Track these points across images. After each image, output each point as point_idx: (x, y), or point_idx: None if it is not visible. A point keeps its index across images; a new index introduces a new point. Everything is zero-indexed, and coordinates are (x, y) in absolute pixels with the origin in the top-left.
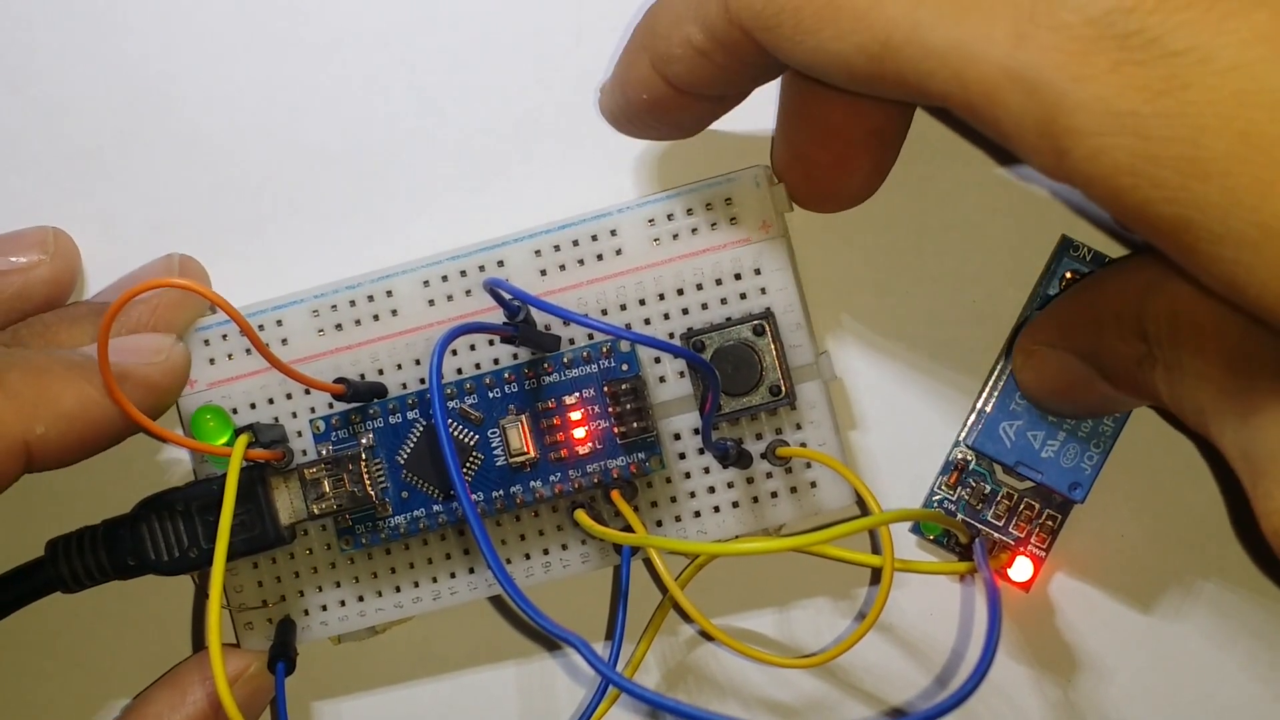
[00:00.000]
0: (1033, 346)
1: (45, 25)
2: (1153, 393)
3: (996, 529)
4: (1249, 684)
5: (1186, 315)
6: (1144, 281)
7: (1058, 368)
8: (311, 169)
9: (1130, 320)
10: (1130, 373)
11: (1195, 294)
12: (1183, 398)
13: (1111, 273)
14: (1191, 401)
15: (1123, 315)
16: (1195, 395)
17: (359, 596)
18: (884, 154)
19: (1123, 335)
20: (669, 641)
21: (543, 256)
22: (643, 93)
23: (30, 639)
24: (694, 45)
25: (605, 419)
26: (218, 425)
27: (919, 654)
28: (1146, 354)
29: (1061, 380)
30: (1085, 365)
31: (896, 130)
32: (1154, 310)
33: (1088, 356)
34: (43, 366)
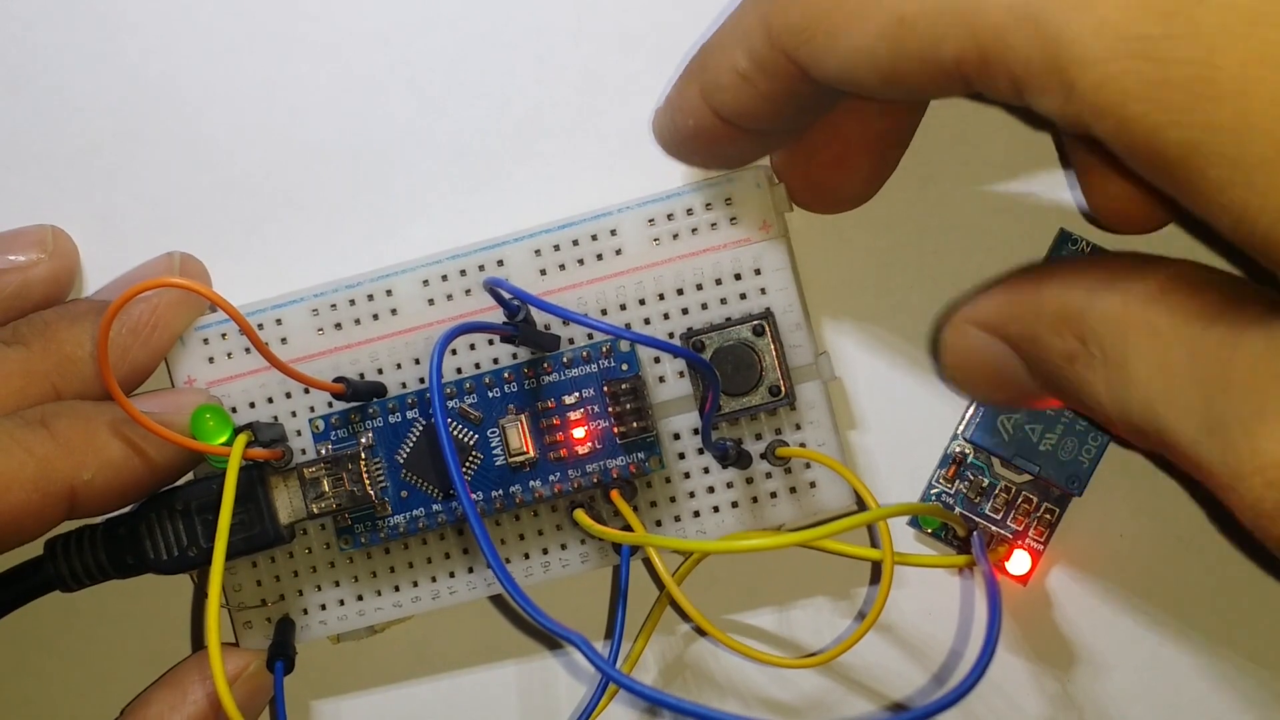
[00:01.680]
0: (965, 326)
1: (45, 25)
2: (1079, 392)
3: (994, 522)
4: (1248, 680)
5: (1139, 316)
6: (1092, 281)
7: (985, 352)
8: (311, 168)
9: (1072, 316)
10: (1058, 370)
11: (1148, 296)
12: (1128, 399)
13: (1058, 268)
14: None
15: (1065, 310)
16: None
17: (358, 596)
18: (884, 159)
19: (1059, 332)
20: (668, 640)
21: (542, 256)
22: (689, 119)
23: (29, 638)
24: (739, 72)
25: (605, 419)
26: (217, 424)
27: (919, 652)
28: (1082, 353)
29: (986, 366)
30: (1013, 355)
31: (897, 138)
32: (1102, 310)
33: (1018, 347)
34: (90, 415)
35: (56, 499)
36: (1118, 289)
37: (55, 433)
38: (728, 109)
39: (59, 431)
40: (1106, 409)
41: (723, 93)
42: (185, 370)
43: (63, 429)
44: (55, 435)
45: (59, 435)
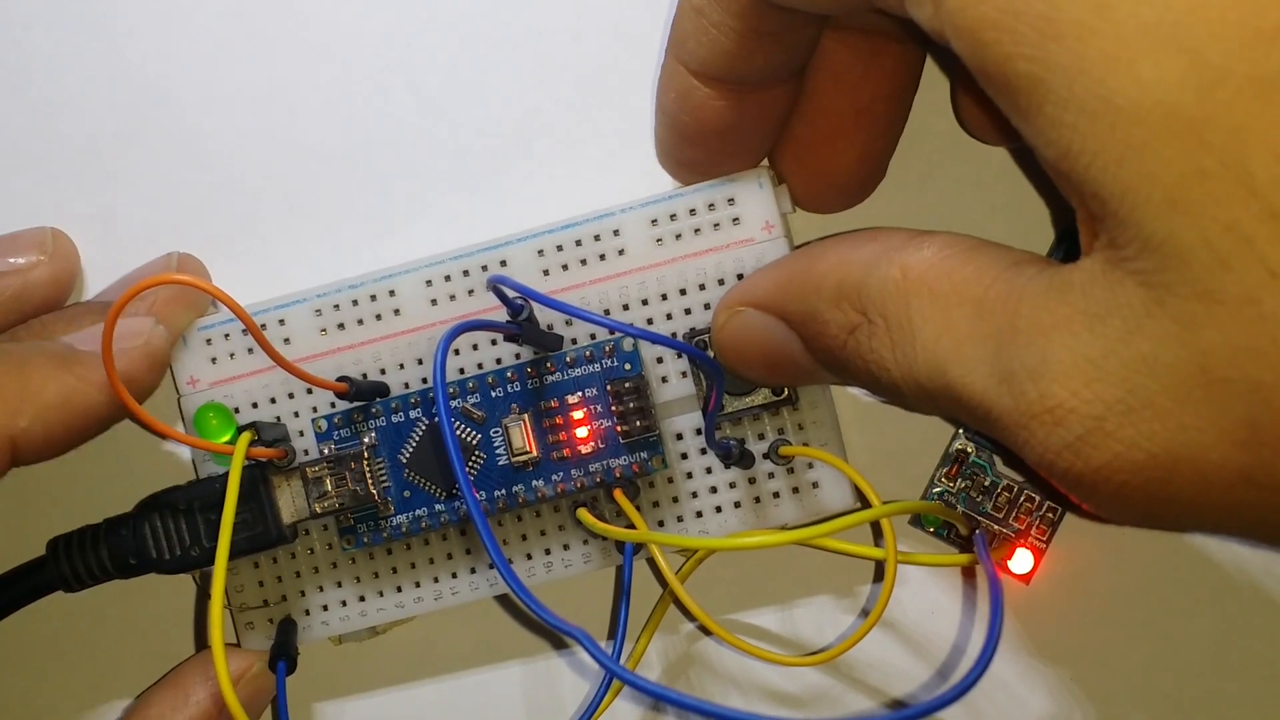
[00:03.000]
0: (738, 307)
1: (45, 26)
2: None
3: (997, 521)
4: (1248, 677)
5: (920, 282)
6: (870, 254)
7: (761, 332)
8: (312, 169)
9: (850, 290)
10: (839, 342)
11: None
12: (915, 360)
13: (834, 243)
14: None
15: (843, 284)
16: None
17: (360, 596)
18: (873, 138)
19: (838, 304)
20: (671, 638)
21: (545, 256)
22: (670, 91)
23: (31, 638)
24: (694, 7)
25: (608, 418)
26: (220, 423)
27: (921, 650)
28: (863, 323)
29: (762, 345)
30: (789, 332)
31: (885, 113)
32: (880, 280)
33: (796, 323)
34: (22, 359)
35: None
36: (895, 260)
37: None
38: (696, 56)
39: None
40: (893, 374)
41: (688, 40)
42: (188, 370)
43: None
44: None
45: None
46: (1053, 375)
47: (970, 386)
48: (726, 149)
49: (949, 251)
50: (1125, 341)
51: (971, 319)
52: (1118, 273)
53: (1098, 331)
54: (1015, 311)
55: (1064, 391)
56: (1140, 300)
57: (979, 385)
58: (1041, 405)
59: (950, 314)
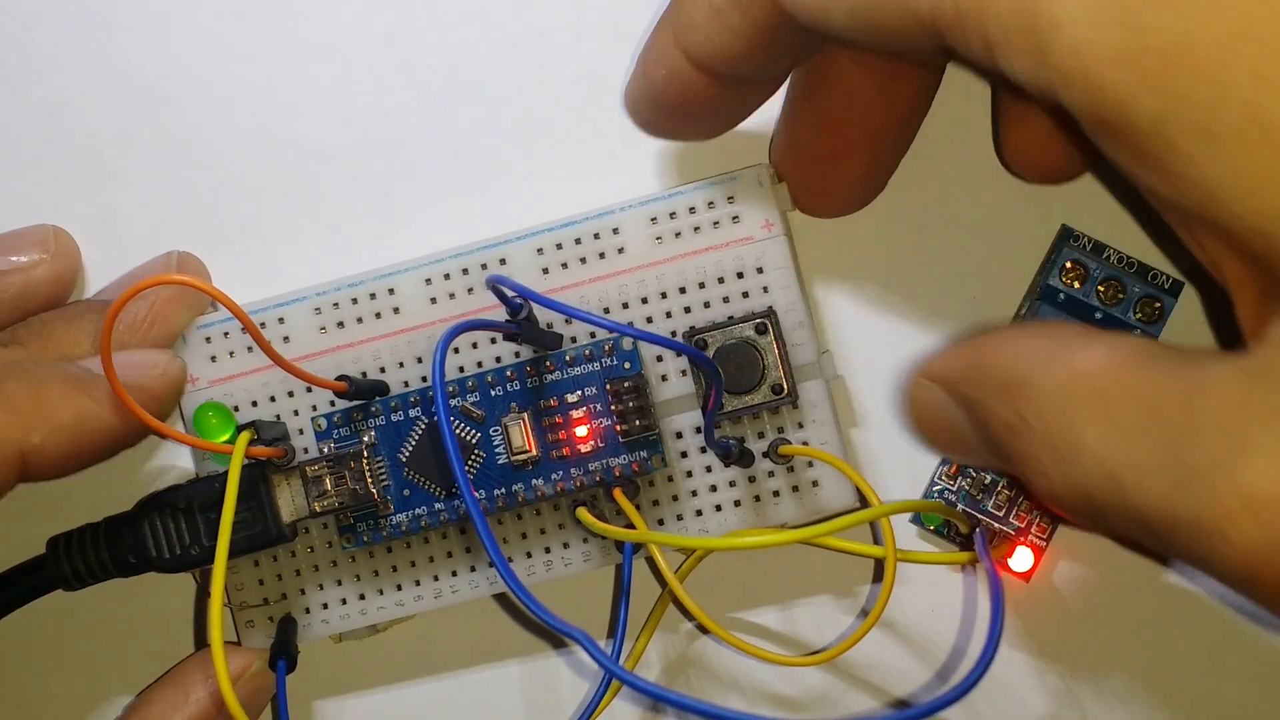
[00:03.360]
0: (922, 380)
1: (45, 25)
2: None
3: (997, 519)
4: (1248, 678)
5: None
6: (1038, 350)
7: (939, 411)
8: (313, 168)
9: (1014, 387)
10: (1001, 439)
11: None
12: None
13: (1010, 334)
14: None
15: (1008, 381)
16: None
17: (360, 594)
18: (878, 158)
19: (1002, 399)
20: (670, 638)
21: (545, 254)
22: (661, 67)
23: (31, 637)
24: (714, 6)
25: (607, 417)
26: (219, 422)
27: (922, 650)
28: (1021, 426)
29: (939, 425)
30: (964, 417)
31: (894, 135)
32: (1046, 381)
33: (967, 409)
34: (41, 378)
35: (4, 463)
36: (1062, 360)
37: (2, 396)
38: (701, 50)
39: (6, 395)
40: (1053, 483)
41: (696, 31)
42: (188, 368)
43: (9, 392)
44: (2, 399)
45: (6, 399)
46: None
47: (1148, 494)
48: (701, 123)
49: (1121, 352)
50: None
51: (1144, 422)
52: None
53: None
54: (1202, 409)
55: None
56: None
57: (1157, 492)
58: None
59: (1119, 420)
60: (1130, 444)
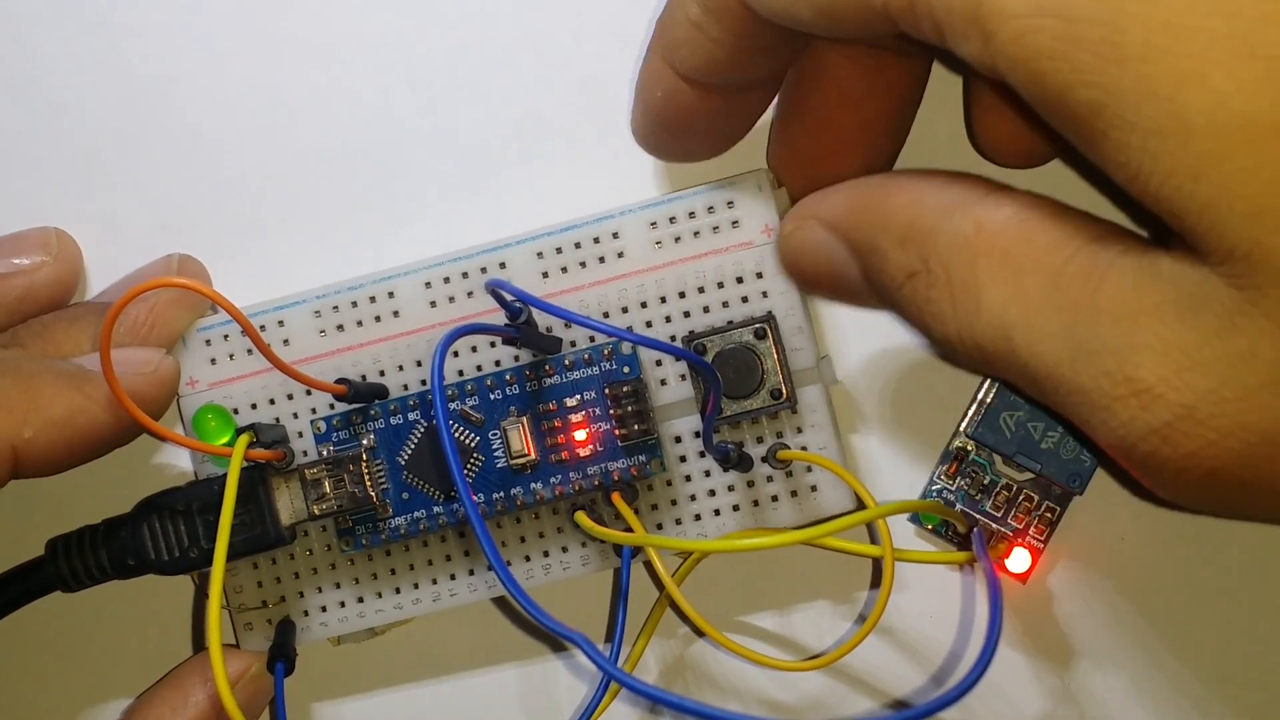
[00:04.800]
0: (809, 220)
1: (46, 26)
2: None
3: (995, 520)
4: (1247, 679)
5: (993, 243)
6: (947, 201)
7: (824, 249)
8: (313, 170)
9: (918, 234)
10: (895, 283)
11: (1003, 223)
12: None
13: (912, 179)
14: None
15: (912, 226)
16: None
17: (359, 597)
18: (875, 152)
19: (903, 245)
20: (668, 642)
21: (544, 258)
22: (657, 89)
23: (30, 639)
24: (691, 21)
25: (606, 421)
26: (219, 425)
27: (919, 654)
28: (923, 272)
29: (819, 265)
30: (851, 257)
31: (888, 128)
32: (952, 233)
33: (858, 250)
34: (32, 373)
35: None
36: (971, 214)
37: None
38: (689, 64)
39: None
40: (948, 329)
41: (680, 48)
42: (187, 371)
43: (2, 387)
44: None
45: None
46: (1139, 360)
47: (1041, 357)
48: (706, 139)
49: (1029, 214)
50: (1219, 335)
51: (1046, 289)
52: (1205, 269)
53: (1190, 323)
54: (1098, 290)
55: (1153, 377)
56: (1231, 299)
57: (1050, 357)
58: (1128, 388)
59: (1022, 281)
60: (1030, 307)
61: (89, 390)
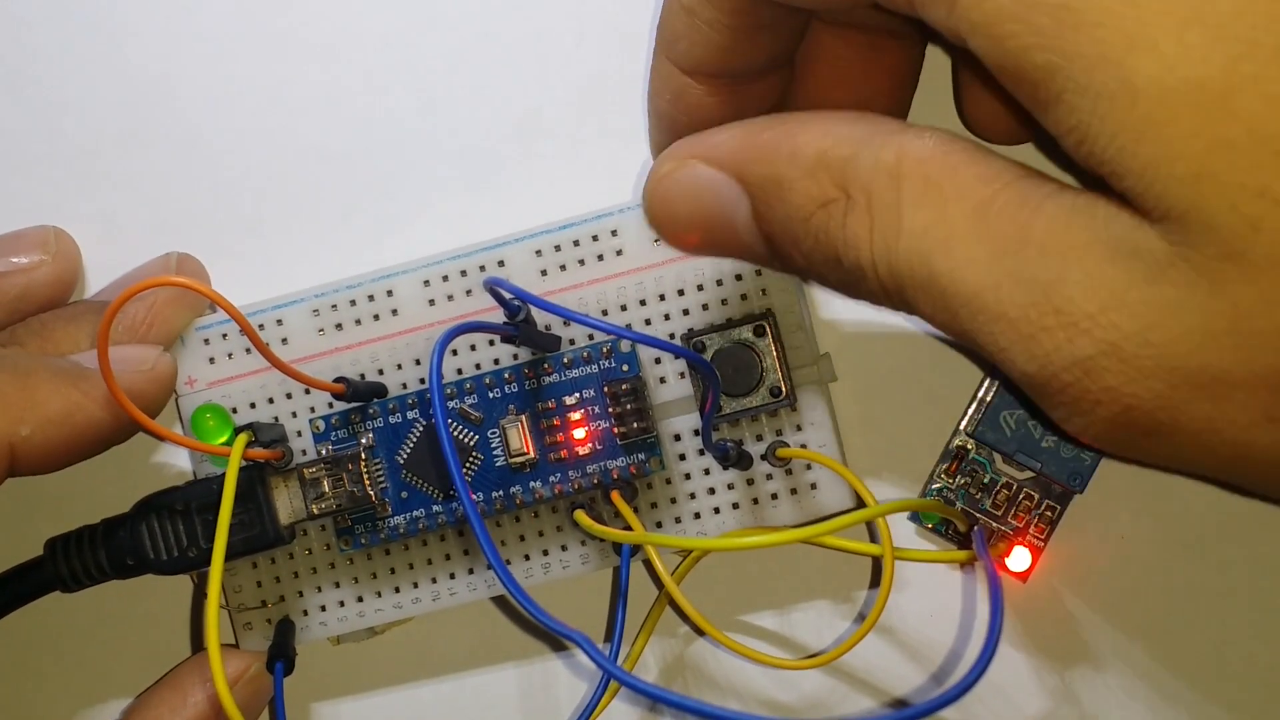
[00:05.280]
0: (692, 161)
1: (46, 26)
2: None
3: (995, 518)
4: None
5: (916, 169)
6: (863, 131)
7: (707, 189)
8: (312, 169)
9: (834, 162)
10: (802, 213)
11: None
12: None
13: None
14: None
15: (826, 155)
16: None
17: (358, 597)
18: None
19: (814, 174)
20: (668, 641)
21: (543, 256)
22: (665, 94)
23: (29, 638)
24: (684, 6)
25: (605, 419)
26: (217, 424)
27: (919, 654)
28: (839, 199)
29: (704, 204)
30: (741, 196)
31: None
32: (873, 159)
33: (753, 186)
34: (29, 370)
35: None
36: (893, 141)
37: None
38: (690, 55)
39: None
40: (862, 255)
41: (680, 40)
42: (186, 370)
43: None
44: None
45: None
46: (1068, 294)
47: (962, 283)
48: None
49: (952, 147)
50: (1149, 282)
51: (972, 218)
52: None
53: (1121, 265)
54: (1028, 223)
55: (1079, 311)
56: (1164, 252)
57: (974, 283)
58: (1055, 319)
59: (947, 208)
60: (954, 233)
61: (86, 387)
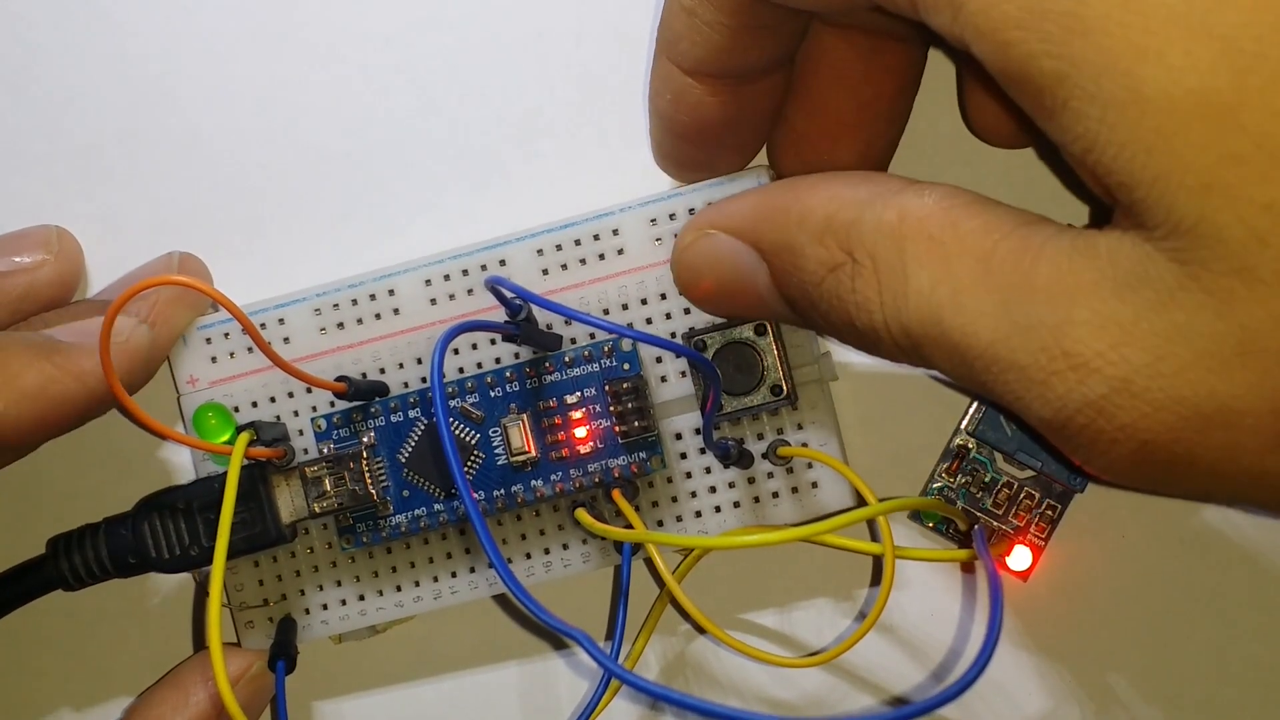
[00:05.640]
0: (708, 229)
1: (46, 25)
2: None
3: (996, 517)
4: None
5: (917, 229)
6: (866, 194)
7: (727, 257)
8: (313, 168)
9: (839, 227)
10: (814, 279)
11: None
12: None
13: (824, 178)
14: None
15: (832, 220)
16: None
17: (360, 595)
18: (874, 135)
19: (822, 240)
20: (669, 639)
21: (545, 256)
22: (666, 94)
23: (31, 637)
24: (685, 7)
25: (606, 418)
26: (219, 423)
27: (920, 652)
28: (846, 264)
29: (726, 271)
30: (759, 262)
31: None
32: (875, 221)
33: (769, 253)
34: (2, 345)
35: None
36: (892, 204)
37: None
38: (690, 55)
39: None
40: (874, 317)
41: (681, 40)
42: (187, 369)
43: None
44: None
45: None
46: (1077, 335)
47: (974, 336)
48: (725, 144)
49: (953, 202)
50: (1157, 310)
51: (976, 271)
52: (1147, 246)
53: (1127, 299)
54: (1032, 269)
55: (1089, 350)
56: (1172, 274)
57: (985, 336)
58: (1065, 362)
59: (951, 264)
60: (960, 289)
61: (59, 361)
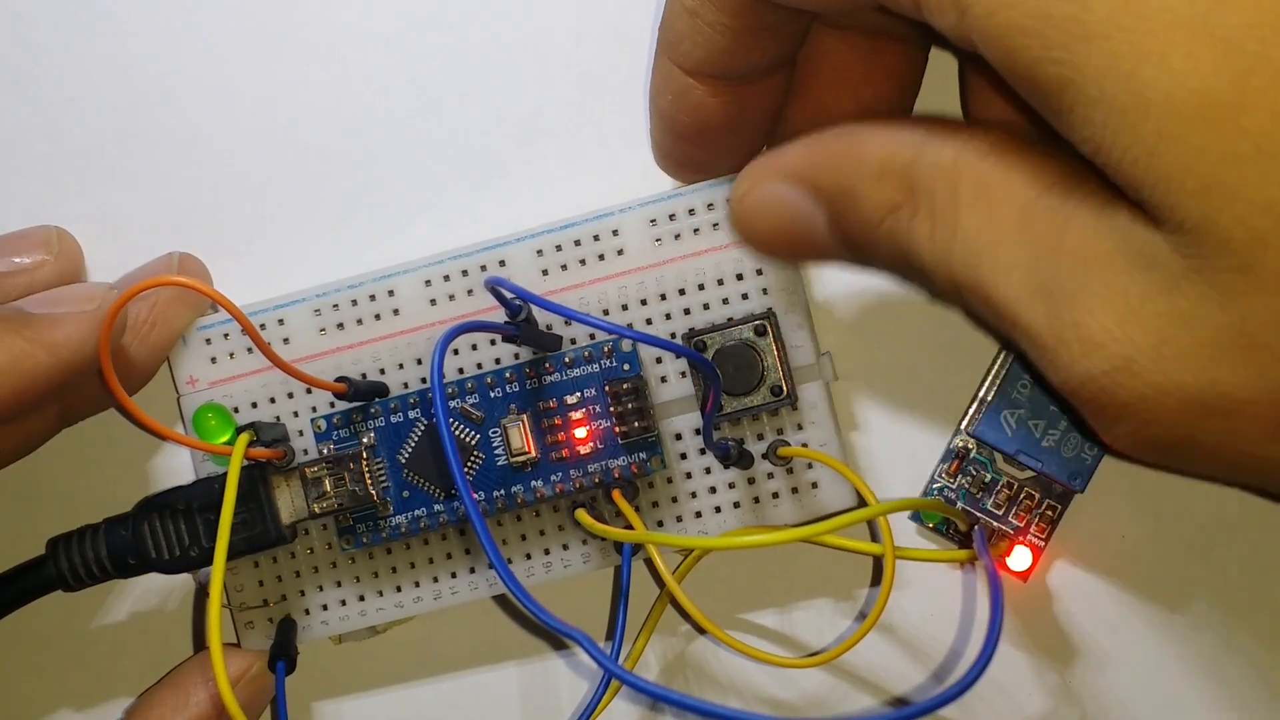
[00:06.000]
0: (768, 176)
1: (47, 25)
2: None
3: (996, 518)
4: (1247, 679)
5: (970, 171)
6: (922, 134)
7: (786, 204)
8: (313, 168)
9: (897, 168)
10: (874, 220)
11: (981, 152)
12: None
13: (879, 124)
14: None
15: (889, 161)
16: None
17: (360, 596)
18: None
19: (880, 181)
20: (669, 640)
21: (544, 256)
22: (667, 94)
23: (31, 637)
24: (687, 8)
25: (606, 419)
26: (219, 424)
27: (920, 652)
28: (906, 204)
29: (785, 219)
30: (816, 207)
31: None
32: (932, 161)
33: (828, 197)
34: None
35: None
36: (950, 143)
37: None
38: (692, 56)
39: None
40: (925, 259)
41: (682, 41)
42: (187, 369)
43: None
44: None
45: None
46: (1088, 306)
47: (1001, 289)
48: (726, 144)
49: (1010, 144)
50: (1163, 293)
51: (1016, 221)
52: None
53: (1137, 276)
54: (1064, 229)
55: (1096, 325)
56: (1177, 264)
57: (1011, 292)
58: (1074, 332)
59: (995, 210)
60: (1001, 236)
61: (30, 334)
